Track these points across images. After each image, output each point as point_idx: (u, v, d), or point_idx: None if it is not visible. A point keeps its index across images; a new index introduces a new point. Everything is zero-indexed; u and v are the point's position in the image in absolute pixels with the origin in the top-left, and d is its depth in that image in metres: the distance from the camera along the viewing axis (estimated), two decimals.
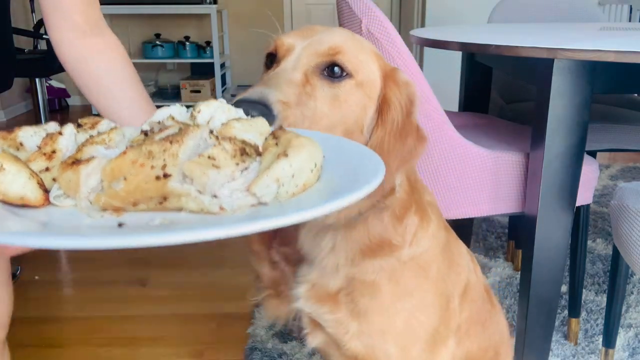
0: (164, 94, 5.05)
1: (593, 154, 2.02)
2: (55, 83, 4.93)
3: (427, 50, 3.61)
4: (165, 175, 0.53)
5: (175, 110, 0.72)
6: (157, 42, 4.92)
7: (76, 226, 0.52)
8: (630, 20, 3.78)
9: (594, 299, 1.90)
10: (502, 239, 2.34)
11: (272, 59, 0.77)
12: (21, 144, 0.62)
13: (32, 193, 0.55)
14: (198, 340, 1.71)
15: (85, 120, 0.67)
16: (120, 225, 0.50)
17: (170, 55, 4.97)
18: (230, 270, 2.15)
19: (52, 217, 0.54)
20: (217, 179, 0.54)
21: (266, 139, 0.62)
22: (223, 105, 0.69)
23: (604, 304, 1.81)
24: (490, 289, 1.06)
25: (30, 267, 2.19)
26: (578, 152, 1.29)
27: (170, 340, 1.72)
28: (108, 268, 2.18)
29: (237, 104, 0.61)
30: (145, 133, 0.64)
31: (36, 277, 2.12)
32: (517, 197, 1.42)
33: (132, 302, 1.94)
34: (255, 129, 0.65)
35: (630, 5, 3.74)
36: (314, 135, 0.66)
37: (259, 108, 0.61)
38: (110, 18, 5.04)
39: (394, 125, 0.74)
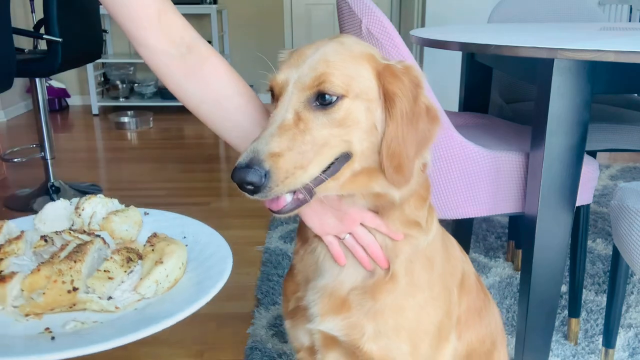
0: (164, 94, 5.05)
1: (593, 154, 2.02)
2: (55, 83, 4.93)
3: (427, 50, 3.61)
4: (75, 289, 0.75)
5: (60, 205, 0.96)
6: None
7: (10, 335, 0.70)
8: (630, 20, 3.78)
9: (594, 299, 1.90)
10: (502, 239, 2.34)
11: (273, 94, 0.79)
12: None
13: None
14: (198, 340, 1.71)
15: None
16: (53, 338, 0.69)
17: None
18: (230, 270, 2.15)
19: None
20: (112, 286, 0.77)
21: (144, 246, 0.85)
22: (102, 200, 0.94)
23: (604, 304, 1.81)
24: (479, 277, 1.07)
25: None
26: (578, 152, 1.29)
27: (170, 340, 1.72)
28: None
29: (233, 173, 0.67)
30: (45, 239, 0.85)
31: None
32: (517, 197, 1.42)
33: None
34: (131, 220, 0.94)
35: (630, 5, 3.74)
36: (176, 219, 0.98)
37: (251, 172, 0.66)
38: (110, 18, 5.05)
39: (402, 115, 0.75)
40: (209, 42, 4.93)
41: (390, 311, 0.83)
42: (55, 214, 0.95)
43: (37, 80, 2.74)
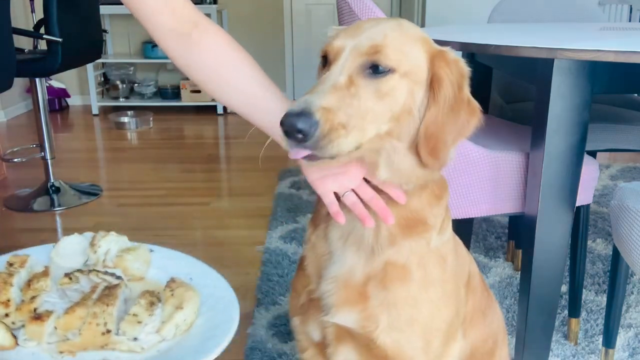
0: (164, 94, 5.06)
1: (593, 154, 2.02)
2: (55, 83, 4.93)
3: None
4: (108, 331, 0.84)
5: (76, 240, 1.06)
6: None
7: None
8: (630, 20, 3.78)
9: (594, 299, 1.90)
10: (502, 239, 2.34)
11: (325, 60, 0.81)
12: None
13: (5, 340, 0.81)
14: None
15: (14, 260, 0.97)
16: None
17: None
18: (230, 270, 2.15)
19: (22, 356, 0.81)
20: (139, 329, 0.85)
21: (164, 290, 0.93)
22: (115, 237, 1.04)
23: (604, 304, 1.81)
24: (482, 276, 1.07)
25: None
26: (578, 152, 1.29)
27: None
28: None
29: (284, 118, 0.69)
30: (69, 277, 0.93)
31: None
32: (517, 197, 1.42)
33: None
34: (141, 258, 1.03)
35: (630, 5, 3.74)
36: (182, 259, 1.06)
37: (303, 119, 0.69)
38: (110, 18, 5.05)
39: (446, 101, 0.77)
40: None
41: (404, 303, 0.84)
42: (72, 249, 1.05)
43: (37, 80, 2.74)
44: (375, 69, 0.74)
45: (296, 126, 0.68)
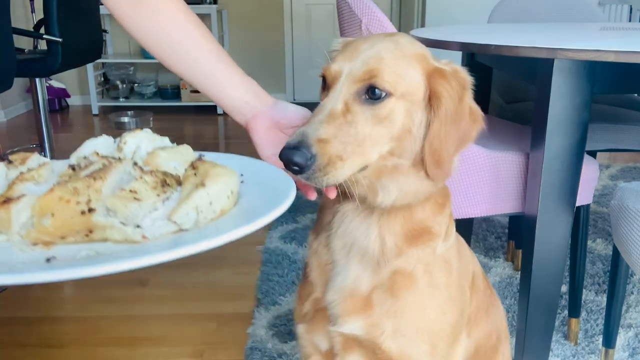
0: (164, 94, 5.06)
1: (593, 154, 2.02)
2: (55, 83, 4.93)
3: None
4: (90, 210, 0.59)
5: (102, 142, 0.77)
6: None
7: (7, 261, 0.56)
8: (630, 20, 3.78)
9: (594, 299, 1.90)
10: (502, 239, 2.34)
11: (325, 81, 0.81)
12: None
13: None
14: (198, 340, 1.71)
15: (15, 157, 0.73)
16: (48, 260, 0.54)
17: None
18: (230, 270, 2.15)
19: None
20: (139, 210, 0.60)
21: (186, 170, 0.69)
22: (149, 134, 0.76)
23: (604, 304, 1.81)
24: (484, 273, 1.08)
25: None
26: (578, 152, 1.29)
27: (170, 340, 1.72)
28: None
29: (282, 151, 0.70)
30: (73, 168, 0.69)
31: None
32: (517, 197, 1.42)
33: (132, 302, 1.94)
34: (181, 157, 0.73)
35: (630, 5, 3.74)
36: (232, 159, 0.77)
37: (299, 153, 0.69)
38: (110, 18, 5.04)
39: (447, 115, 0.77)
40: None
41: (411, 310, 0.84)
42: (94, 150, 0.77)
43: (37, 80, 2.74)
44: (372, 94, 0.75)
45: (293, 160, 0.69)
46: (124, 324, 1.81)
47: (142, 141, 0.76)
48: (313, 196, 0.85)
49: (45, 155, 2.57)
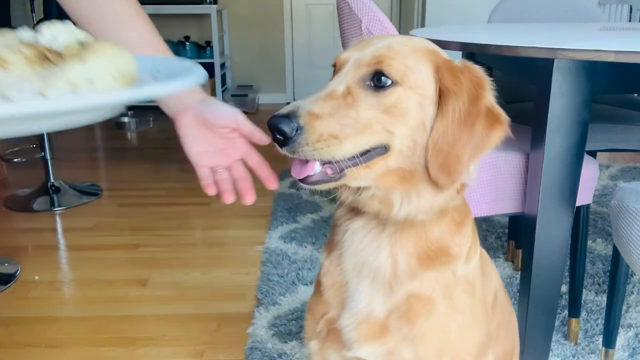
0: None
1: (593, 154, 2.02)
2: None
3: None
4: None
5: (25, 34, 0.65)
6: None
7: None
8: (630, 20, 3.78)
9: (594, 299, 1.90)
10: (502, 239, 2.34)
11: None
12: None
13: None
14: (198, 340, 1.71)
15: None
16: None
17: None
18: (230, 270, 2.15)
19: None
20: (7, 80, 0.53)
21: (72, 46, 0.59)
22: (69, 27, 0.65)
23: (604, 304, 1.81)
24: (504, 286, 1.06)
25: (30, 267, 2.19)
26: (578, 152, 1.29)
27: (170, 340, 1.72)
28: (108, 268, 2.19)
29: (270, 120, 0.68)
30: None
31: (36, 277, 2.12)
32: (517, 197, 1.42)
33: (132, 302, 1.94)
34: (102, 53, 0.60)
35: (630, 5, 3.74)
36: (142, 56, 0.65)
37: (286, 121, 0.67)
38: None
39: (455, 113, 0.73)
40: (209, 42, 4.94)
41: (431, 335, 0.80)
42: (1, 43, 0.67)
43: None
44: (378, 80, 0.72)
45: (277, 126, 0.67)
46: (124, 324, 1.81)
47: (60, 33, 0.65)
48: (274, 185, 0.87)
49: (45, 157, 2.55)
